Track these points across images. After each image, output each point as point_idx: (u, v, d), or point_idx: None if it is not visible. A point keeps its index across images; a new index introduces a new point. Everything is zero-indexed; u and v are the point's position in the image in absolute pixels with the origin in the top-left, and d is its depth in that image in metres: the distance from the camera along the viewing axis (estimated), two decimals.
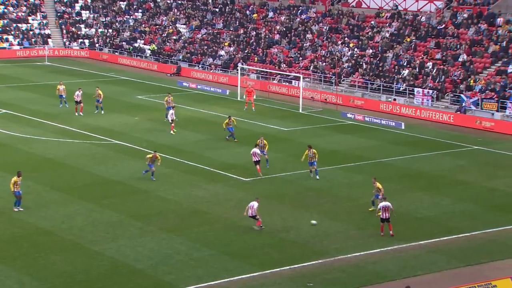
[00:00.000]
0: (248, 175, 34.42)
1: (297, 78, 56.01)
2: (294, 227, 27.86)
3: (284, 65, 61.97)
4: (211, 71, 65.52)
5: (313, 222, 27.69)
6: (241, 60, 64.52)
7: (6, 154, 36.64)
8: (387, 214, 26.64)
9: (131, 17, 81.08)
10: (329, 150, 39.82)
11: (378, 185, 29.15)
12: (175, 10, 79.53)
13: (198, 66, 67.31)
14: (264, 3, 74.26)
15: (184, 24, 76.59)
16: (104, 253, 24.65)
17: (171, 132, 41.69)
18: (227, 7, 76.12)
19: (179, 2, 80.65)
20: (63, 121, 44.46)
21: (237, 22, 72.32)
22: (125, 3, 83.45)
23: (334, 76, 56.95)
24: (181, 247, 25.39)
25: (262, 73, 60.98)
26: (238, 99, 54.42)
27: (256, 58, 64.67)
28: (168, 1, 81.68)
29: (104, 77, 63.96)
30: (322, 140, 42.18)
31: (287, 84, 59.25)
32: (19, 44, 75.25)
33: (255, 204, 27.09)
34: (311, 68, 60.08)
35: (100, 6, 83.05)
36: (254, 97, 51.37)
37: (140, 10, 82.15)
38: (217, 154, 38.03)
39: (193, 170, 35.21)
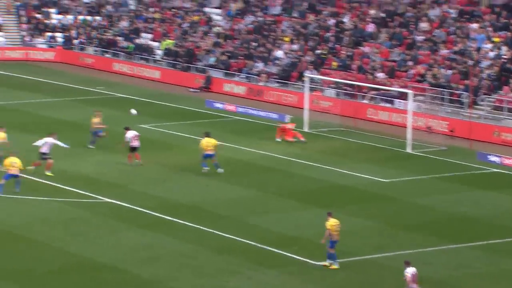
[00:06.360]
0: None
1: (403, 96, 54.93)
2: None
3: (382, 74, 60.19)
4: (261, 83, 64.71)
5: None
6: (309, 66, 63.37)
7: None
8: None
9: None
10: (460, 218, 39.20)
11: None
12: None
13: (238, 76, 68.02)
14: None
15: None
16: None
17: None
18: None
19: None
20: None
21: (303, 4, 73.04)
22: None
23: (466, 93, 55.18)
24: None
25: (344, 87, 59.93)
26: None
27: (334, 63, 62.87)
28: None
29: None
30: (449, 200, 41.93)
31: (386, 105, 58.39)
32: None
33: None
34: (426, 79, 58.28)
35: None
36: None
37: None
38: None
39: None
